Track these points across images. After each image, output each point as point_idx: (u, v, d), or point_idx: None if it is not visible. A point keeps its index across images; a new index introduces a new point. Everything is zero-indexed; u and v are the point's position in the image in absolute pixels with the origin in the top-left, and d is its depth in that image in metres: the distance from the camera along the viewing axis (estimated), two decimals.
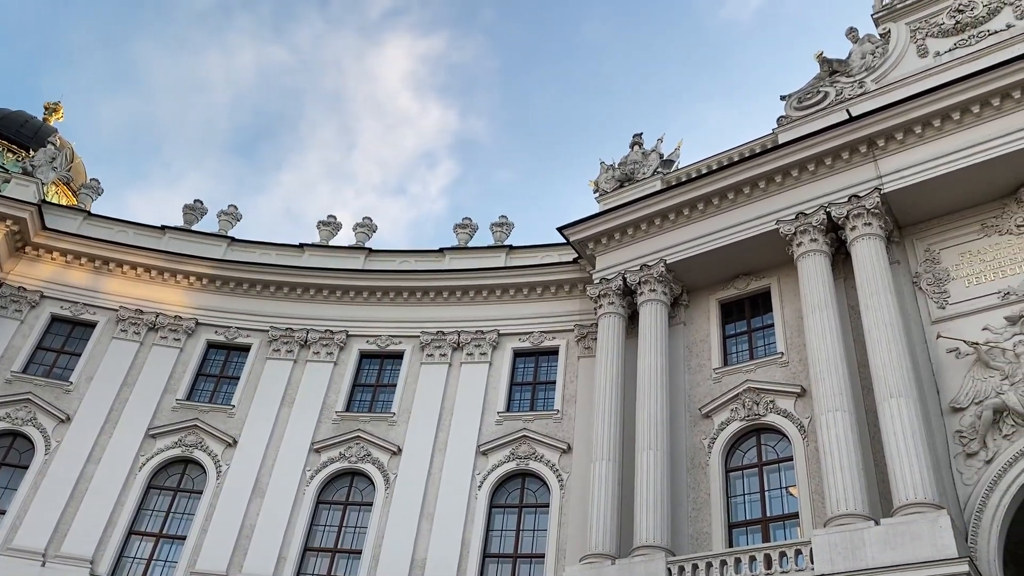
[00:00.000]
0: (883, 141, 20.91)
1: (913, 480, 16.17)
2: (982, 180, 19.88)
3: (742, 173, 22.75)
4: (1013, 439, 17.04)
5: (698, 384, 22.13)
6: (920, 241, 20.89)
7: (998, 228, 19.96)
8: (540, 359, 26.01)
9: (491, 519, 22.97)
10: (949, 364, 18.71)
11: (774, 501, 19.45)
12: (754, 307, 22.95)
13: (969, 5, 22.50)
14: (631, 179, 26.17)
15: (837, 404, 18.03)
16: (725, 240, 22.66)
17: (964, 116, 20.03)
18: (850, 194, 20.82)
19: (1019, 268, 19.19)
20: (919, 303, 20.05)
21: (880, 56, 23.49)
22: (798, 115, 23.73)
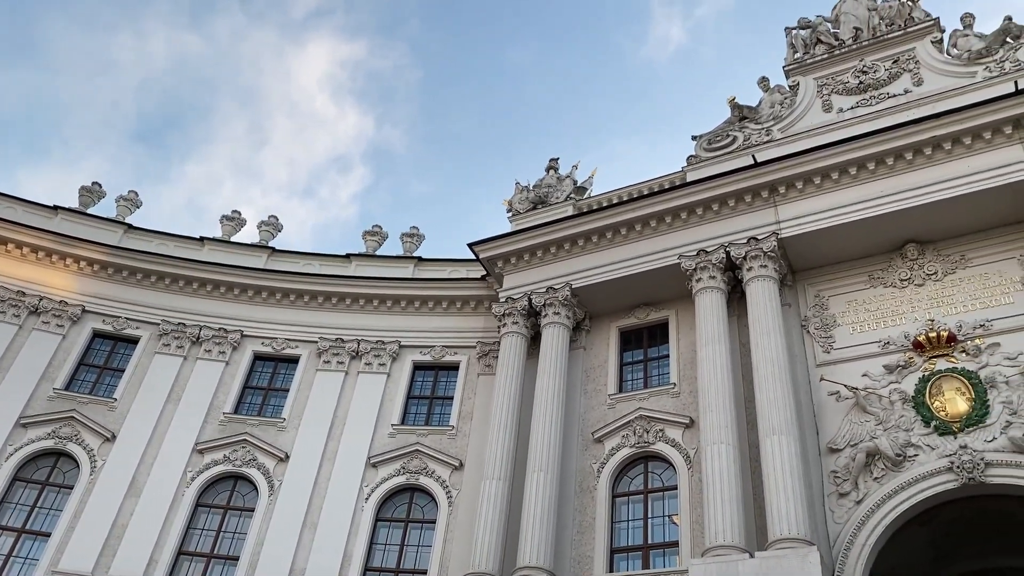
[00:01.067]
0: (784, 188, 21.82)
1: (788, 516, 16.78)
2: (872, 234, 20.94)
3: (650, 207, 23.32)
4: (882, 482, 17.87)
5: (593, 409, 22.44)
6: (811, 286, 21.82)
7: (884, 280, 21.03)
8: (440, 374, 25.90)
9: (376, 532, 22.65)
10: (829, 406, 19.55)
11: (656, 528, 19.83)
12: (652, 337, 23.48)
13: (872, 68, 23.79)
14: (544, 202, 26.49)
15: (722, 437, 18.58)
16: (630, 270, 23.13)
17: (860, 172, 21.09)
18: (749, 236, 21.60)
19: (900, 320, 20.23)
20: (806, 346, 20.90)
21: (788, 107, 24.57)
22: (707, 156, 24.54)
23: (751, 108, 25.15)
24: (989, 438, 17.37)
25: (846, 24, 25.22)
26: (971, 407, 17.88)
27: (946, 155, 20.32)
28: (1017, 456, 16.85)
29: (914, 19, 24.30)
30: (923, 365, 19.08)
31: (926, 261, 20.66)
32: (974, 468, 16.96)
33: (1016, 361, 18.15)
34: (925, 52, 23.42)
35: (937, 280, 20.34)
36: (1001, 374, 18.07)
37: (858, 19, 25.10)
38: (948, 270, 20.35)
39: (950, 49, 23.31)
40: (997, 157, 19.80)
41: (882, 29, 24.61)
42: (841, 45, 24.95)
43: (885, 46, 24.16)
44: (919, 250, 20.81)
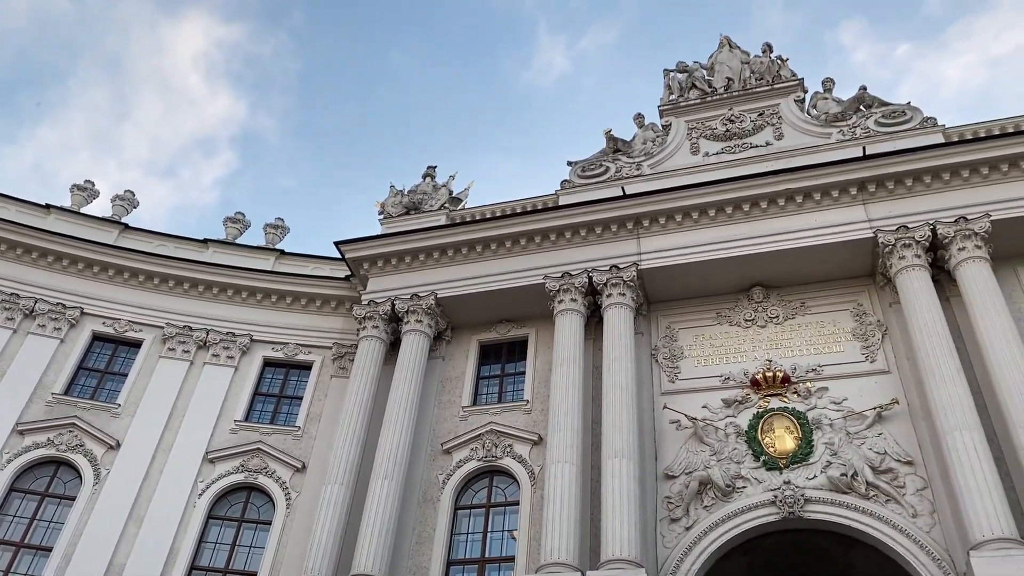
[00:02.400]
0: (648, 222, 22.68)
1: (621, 537, 17.31)
2: (724, 274, 22.06)
3: (522, 225, 23.69)
4: (712, 510, 18.72)
5: (445, 420, 22.44)
6: (664, 318, 22.72)
7: (730, 319, 22.16)
8: (291, 372, 25.21)
9: (207, 530, 21.72)
10: (670, 434, 20.35)
11: (495, 543, 19.98)
12: (511, 353, 23.75)
13: (739, 118, 25.15)
14: (418, 208, 26.40)
15: (567, 456, 18.99)
16: (496, 285, 23.36)
17: (718, 214, 22.20)
18: (612, 264, 22.29)
19: (741, 358, 21.33)
20: (654, 374, 21.71)
21: (659, 145, 25.60)
22: (580, 182, 25.20)
23: (625, 142, 26.04)
24: (811, 476, 18.52)
25: (720, 73, 26.59)
26: (797, 445, 19.04)
27: (797, 208, 21.70)
28: (834, 495, 18.03)
29: (781, 77, 25.89)
30: (758, 402, 20.19)
31: (770, 304, 21.93)
32: (795, 503, 18.03)
33: (841, 406, 19.50)
34: (788, 109, 24.98)
35: (778, 323, 21.61)
36: (827, 416, 19.35)
37: (731, 70, 26.51)
38: (789, 315, 21.67)
39: (810, 109, 24.97)
40: (842, 215, 21.33)
41: (752, 83, 26.09)
42: (713, 93, 26.26)
43: (753, 99, 25.62)
44: (765, 293, 22.07)
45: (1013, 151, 20.43)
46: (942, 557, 16.60)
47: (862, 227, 20.98)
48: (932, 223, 20.30)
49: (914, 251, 20.12)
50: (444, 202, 26.35)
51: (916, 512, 17.40)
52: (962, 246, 19.78)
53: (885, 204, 21.13)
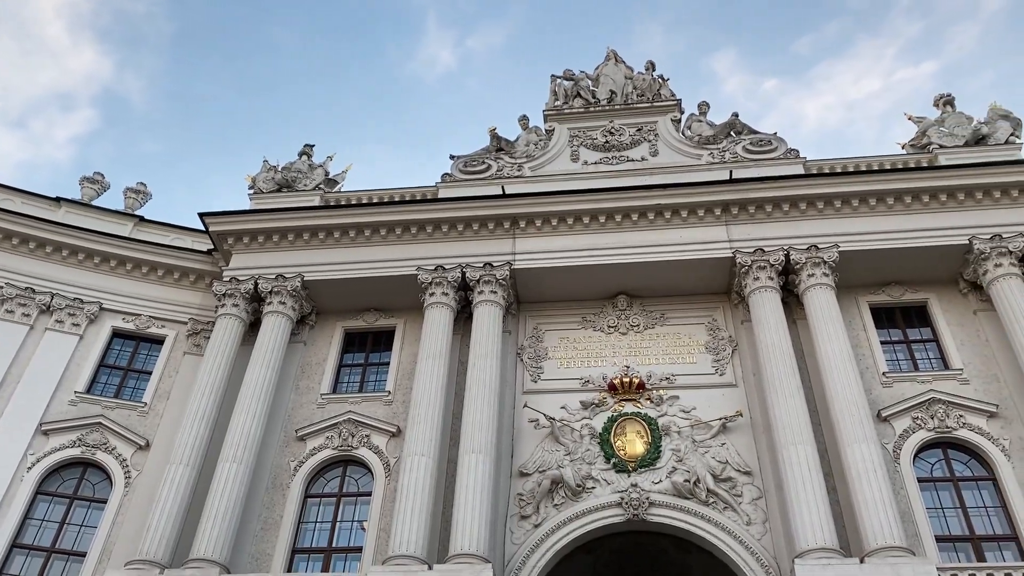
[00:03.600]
0: (524, 223, 22.98)
1: (471, 532, 17.45)
2: (592, 280, 22.62)
3: (400, 214, 23.47)
4: (561, 509, 19.14)
5: (302, 406, 21.93)
6: (532, 318, 23.07)
7: (594, 324, 22.75)
8: (141, 346, 23.94)
9: (34, 506, 20.35)
10: (528, 433, 20.68)
11: (344, 533, 19.71)
12: (376, 343, 23.49)
13: (619, 131, 25.86)
14: (291, 187, 25.69)
15: (424, 450, 18.97)
16: (367, 272, 23.05)
17: (592, 222, 22.74)
18: (486, 261, 22.44)
19: (601, 362, 21.93)
20: (518, 373, 22.00)
21: (541, 148, 25.98)
22: (461, 177, 25.22)
23: (509, 142, 26.27)
24: (657, 480, 19.26)
25: (604, 85, 27.26)
26: (647, 450, 19.76)
27: (665, 223, 22.54)
28: (677, 500, 18.82)
29: (661, 96, 26.81)
30: (614, 406, 20.82)
31: (632, 313, 22.66)
32: (640, 506, 18.71)
33: (689, 414, 20.37)
34: (665, 128, 25.90)
35: (639, 332, 22.37)
36: (676, 424, 20.18)
37: (615, 84, 27.23)
38: (649, 324, 22.46)
39: (685, 130, 25.97)
40: (705, 233, 22.31)
41: (634, 98, 26.88)
42: (597, 104, 26.88)
43: (633, 114, 26.40)
44: (629, 302, 22.79)
45: (864, 188, 21.96)
46: (770, 564, 17.64)
47: (723, 247, 22.01)
48: (786, 248, 21.53)
49: (768, 273, 21.28)
50: (319, 183, 25.75)
51: (750, 520, 18.41)
52: (811, 272, 21.08)
53: (746, 227, 22.26)
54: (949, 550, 17.65)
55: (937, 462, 19.10)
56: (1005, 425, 19.11)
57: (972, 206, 21.62)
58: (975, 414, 19.30)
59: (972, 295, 21.37)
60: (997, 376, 19.96)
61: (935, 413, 19.33)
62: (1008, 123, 23.35)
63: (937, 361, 20.87)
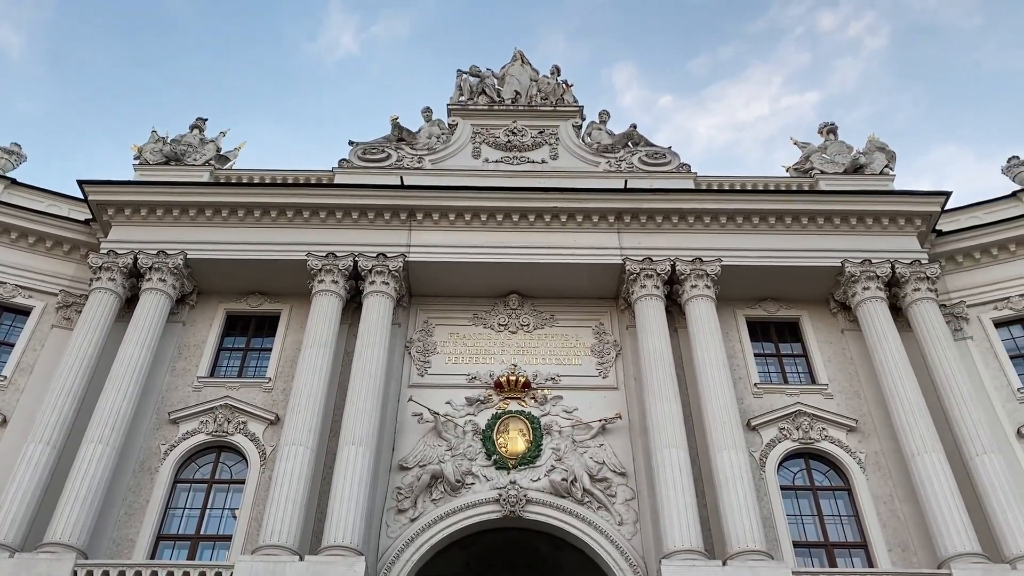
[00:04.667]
0: (421, 216, 22.87)
1: (346, 524, 17.23)
2: (486, 277, 22.72)
3: (293, 197, 22.95)
4: (439, 504, 19.15)
5: (177, 388, 21.14)
6: (423, 312, 22.98)
7: (485, 321, 22.85)
8: (5, 315, 22.52)
9: None
10: (411, 427, 20.58)
11: (214, 520, 19.12)
12: (259, 327, 22.89)
13: (521, 132, 26.09)
14: (180, 160, 24.73)
15: (303, 439, 18.60)
16: (255, 254, 22.42)
17: (489, 220, 22.86)
18: (380, 251, 22.20)
19: (489, 360, 22.05)
20: (405, 366, 21.87)
21: (443, 142, 25.90)
22: (360, 164, 24.85)
23: (411, 132, 26.06)
24: (535, 478, 19.53)
25: (510, 85, 27.44)
26: (528, 448, 20.01)
27: (560, 226, 22.88)
28: (554, 498, 19.14)
29: (565, 101, 27.19)
30: (499, 403, 20.98)
31: (523, 312, 22.90)
32: (517, 503, 18.92)
33: (571, 415, 20.74)
34: (566, 133, 26.27)
35: (528, 331, 22.61)
36: (557, 424, 20.52)
37: (520, 85, 27.44)
38: (539, 324, 22.75)
39: (585, 136, 26.43)
40: (598, 239, 22.79)
41: (538, 100, 27.16)
42: (501, 103, 27.01)
43: (536, 116, 26.67)
44: (520, 301, 23.01)
45: (749, 206, 22.92)
46: (638, 563, 18.17)
47: (614, 253, 22.52)
48: (673, 259, 22.22)
49: (654, 282, 21.92)
50: (210, 159, 24.86)
51: (622, 520, 18.92)
52: (694, 284, 21.84)
53: (636, 235, 22.85)
54: (805, 555, 18.62)
55: (799, 471, 20.12)
56: (863, 439, 20.32)
57: (846, 231, 22.88)
58: (837, 428, 20.44)
59: (841, 315, 22.63)
60: (859, 393, 21.20)
61: (800, 425, 20.36)
62: (884, 155, 24.83)
63: (805, 375, 22.00)
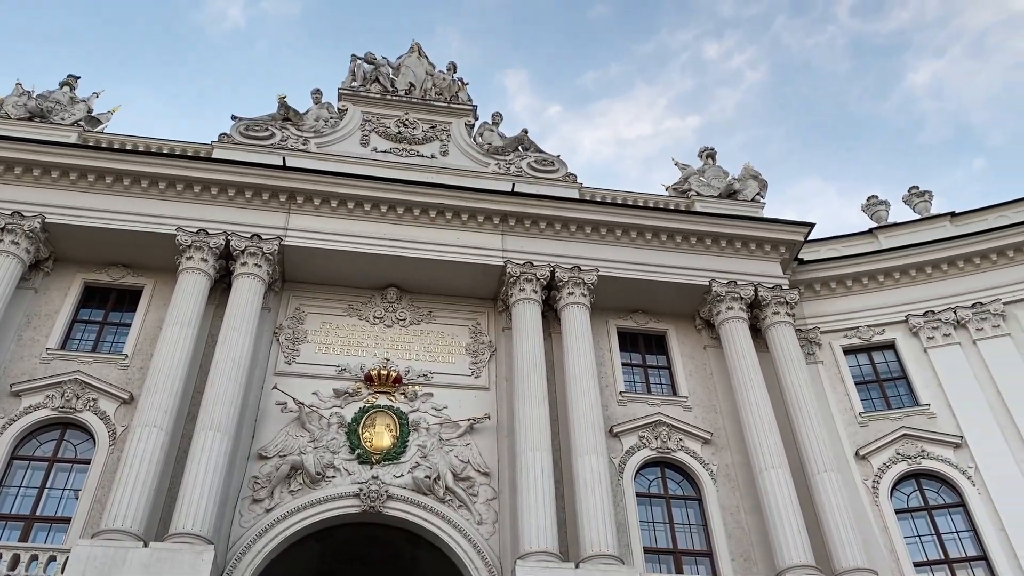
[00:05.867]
0: (302, 199, 22.31)
1: (196, 512, 16.62)
2: (364, 268, 22.40)
3: (167, 168, 21.97)
4: (297, 496, 18.71)
5: (23, 359, 19.86)
6: (296, 298, 22.43)
7: (360, 313, 22.52)
8: None
9: None
10: (274, 415, 20.05)
11: (53, 501, 18.08)
12: (120, 301, 21.83)
13: (413, 124, 25.88)
14: (46, 118, 23.26)
15: (157, 421, 17.79)
16: (121, 224, 21.34)
17: (372, 210, 22.52)
18: (255, 232, 21.53)
19: (361, 352, 21.74)
20: (272, 352, 21.26)
21: (331, 127, 25.36)
22: (241, 140, 24.00)
23: (298, 113, 25.40)
24: (399, 474, 19.41)
25: (405, 76, 27.16)
26: (393, 444, 19.86)
27: (445, 223, 22.83)
28: (415, 495, 19.06)
29: (459, 99, 27.16)
30: (367, 397, 20.73)
31: (400, 307, 22.71)
32: (378, 498, 18.74)
33: (441, 413, 20.73)
34: (458, 130, 26.24)
35: (404, 326, 22.44)
36: (426, 421, 20.45)
37: (416, 77, 27.21)
38: (415, 320, 22.62)
39: (477, 136, 26.48)
40: (482, 239, 22.87)
41: (432, 95, 27.00)
42: (395, 93, 26.71)
43: (430, 111, 26.52)
44: (398, 295, 22.81)
45: (629, 220, 23.58)
46: (494, 563, 18.34)
47: (496, 255, 22.67)
48: (553, 265, 22.58)
49: (533, 286, 22.20)
50: (80, 119, 23.45)
51: (482, 519, 19.05)
52: (571, 291, 22.27)
53: (520, 239, 23.09)
54: (654, 561, 19.29)
55: (655, 479, 20.83)
56: (716, 451, 21.23)
57: (716, 252, 23.86)
58: (693, 439, 21.28)
59: (705, 332, 23.59)
60: (716, 407, 22.15)
61: (660, 434, 21.08)
62: (756, 183, 26.06)
63: (668, 387, 22.80)
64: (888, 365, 23.79)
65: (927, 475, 21.29)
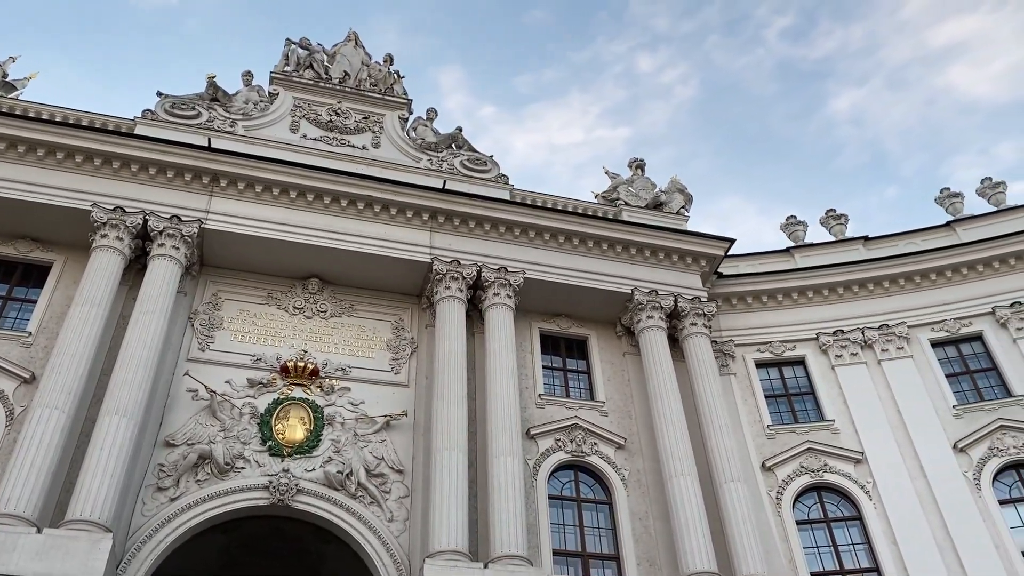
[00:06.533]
0: (226, 183, 21.74)
1: (95, 498, 16.00)
2: (286, 257, 21.97)
3: (85, 141, 21.11)
4: (204, 485, 18.22)
5: None
6: (213, 284, 21.85)
7: (280, 303, 22.08)
8: None
9: None
10: (184, 402, 19.48)
11: None
12: (26, 276, 20.92)
13: (345, 114, 25.51)
14: None
15: (59, 402, 17.06)
16: (32, 197, 20.44)
17: (298, 198, 22.08)
18: (174, 213, 20.90)
19: (279, 343, 21.31)
20: (186, 338, 20.66)
21: (261, 110, 24.79)
22: (166, 118, 23.26)
23: (227, 94, 24.75)
24: (310, 468, 19.09)
25: (340, 65, 26.75)
26: (306, 437, 19.53)
27: (373, 216, 22.57)
28: (326, 490, 18.78)
29: (394, 91, 26.90)
30: (282, 388, 20.34)
31: (322, 298, 22.36)
32: (287, 491, 18.40)
33: (357, 408, 20.49)
34: (391, 123, 25.99)
35: (324, 318, 22.11)
36: (341, 415, 20.18)
37: (351, 66, 26.83)
38: (336, 313, 22.30)
39: (410, 131, 26.27)
40: (409, 235, 22.69)
41: (367, 86, 26.67)
42: (328, 80, 26.28)
43: (364, 101, 26.18)
44: (320, 287, 22.45)
45: (558, 225, 23.76)
46: (403, 561, 18.23)
47: (423, 251, 22.53)
48: (480, 265, 22.58)
49: (459, 285, 22.15)
50: None
51: (393, 517, 18.91)
52: (497, 292, 22.30)
53: (448, 237, 23.00)
54: (563, 563, 19.46)
55: (568, 482, 21.03)
56: (628, 457, 21.58)
57: (640, 261, 24.25)
58: (607, 444, 21.58)
59: (625, 339, 23.96)
60: (631, 413, 22.51)
61: (575, 438, 21.31)
62: (682, 196, 26.59)
63: (586, 392, 23.07)
64: (797, 380, 24.60)
65: (828, 488, 22.09)
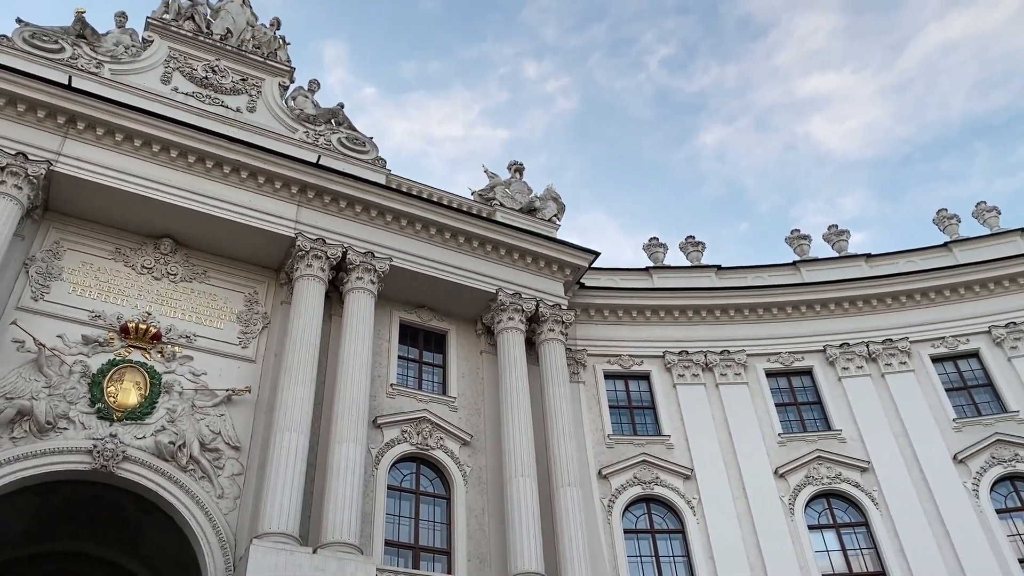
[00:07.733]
0: (83, 126, 20.36)
1: None
2: (140, 212, 20.82)
3: None
4: (19, 444, 17.02)
5: None
6: (57, 231, 20.43)
7: (128, 260, 20.90)
8: None
9: None
10: (9, 353, 18.13)
11: None
12: None
13: (223, 72, 24.43)
14: None
15: None
16: None
17: (160, 152, 20.93)
18: (21, 151, 19.31)
19: (122, 301, 20.18)
20: (18, 284, 19.22)
21: (132, 55, 23.38)
22: (24, 48, 21.48)
23: (96, 33, 23.17)
24: (141, 435, 18.19)
25: (223, 21, 25.61)
26: (140, 403, 18.60)
27: (239, 181, 21.72)
28: (155, 460, 17.95)
29: (277, 56, 26.01)
30: (120, 350, 19.29)
31: (174, 260, 21.35)
32: (112, 458, 17.46)
33: (199, 379, 19.70)
34: (270, 89, 25.12)
35: (173, 281, 21.11)
36: (180, 384, 19.33)
37: (235, 24, 25.75)
38: (188, 277, 21.35)
39: (289, 100, 25.48)
40: (275, 206, 22.00)
41: (249, 47, 25.66)
42: (209, 35, 25.09)
43: (244, 63, 25.17)
44: (173, 248, 21.43)
45: (432, 216, 23.63)
46: (228, 539, 17.67)
47: (288, 225, 21.90)
48: (346, 247, 22.16)
49: (321, 264, 21.66)
50: None
51: (223, 494, 18.31)
52: (360, 276, 21.97)
53: (316, 214, 22.46)
54: (394, 554, 19.42)
55: (409, 474, 20.99)
56: (473, 454, 21.78)
57: (508, 263, 24.52)
58: (453, 439, 21.69)
59: (484, 337, 24.16)
60: (480, 411, 22.74)
61: (422, 431, 21.30)
62: (556, 205, 27.11)
63: (439, 386, 23.11)
64: (641, 394, 25.57)
65: (656, 500, 23.07)
